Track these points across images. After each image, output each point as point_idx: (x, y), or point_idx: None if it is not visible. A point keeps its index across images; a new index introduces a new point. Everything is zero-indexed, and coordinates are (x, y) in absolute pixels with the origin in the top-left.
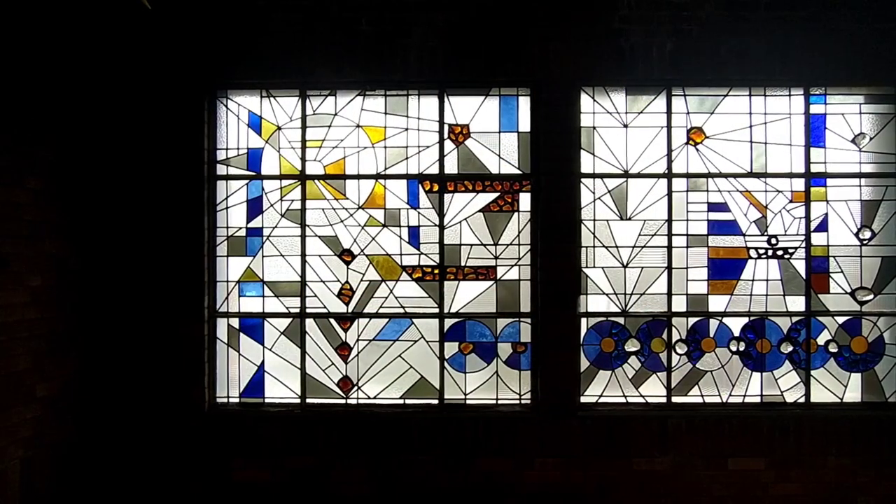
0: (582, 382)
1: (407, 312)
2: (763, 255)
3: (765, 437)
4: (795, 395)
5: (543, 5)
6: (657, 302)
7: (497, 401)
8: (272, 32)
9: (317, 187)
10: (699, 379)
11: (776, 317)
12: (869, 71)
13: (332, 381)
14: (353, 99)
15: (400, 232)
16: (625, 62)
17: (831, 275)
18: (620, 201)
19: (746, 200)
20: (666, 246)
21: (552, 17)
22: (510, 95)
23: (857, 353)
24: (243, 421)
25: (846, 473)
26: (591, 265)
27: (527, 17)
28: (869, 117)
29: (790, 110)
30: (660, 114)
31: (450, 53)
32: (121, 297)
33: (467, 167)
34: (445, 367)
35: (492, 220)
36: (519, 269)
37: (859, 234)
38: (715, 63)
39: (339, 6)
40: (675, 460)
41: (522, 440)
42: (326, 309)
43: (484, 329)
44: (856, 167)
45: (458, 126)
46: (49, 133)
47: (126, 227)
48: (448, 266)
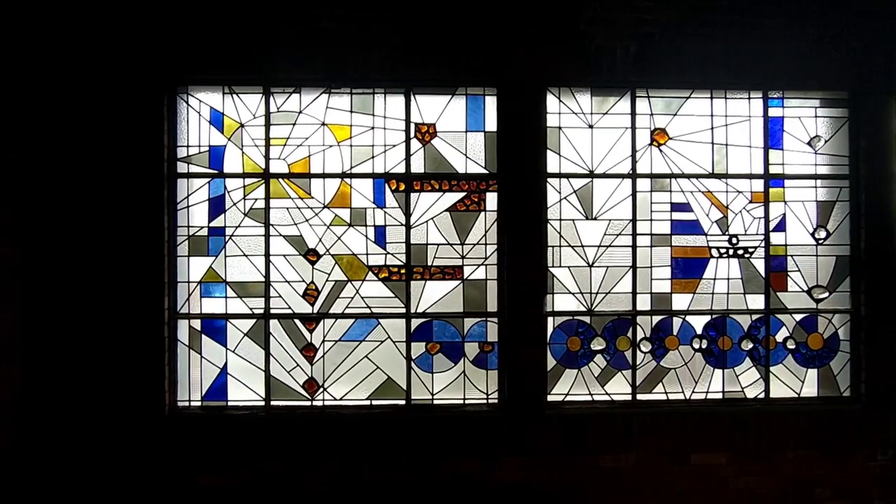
0: (549, 381)
1: (373, 312)
2: (724, 255)
3: (726, 433)
4: (755, 390)
5: (510, 6)
6: (622, 301)
7: (464, 401)
8: (234, 28)
9: (281, 186)
10: (663, 376)
11: (737, 315)
12: (824, 76)
13: (298, 382)
14: (318, 97)
15: (366, 231)
16: (590, 64)
17: (789, 273)
18: (586, 201)
19: (708, 201)
20: (630, 245)
21: (519, 17)
22: (477, 95)
23: (814, 349)
24: (206, 425)
25: (804, 466)
26: (558, 264)
27: (493, 18)
28: (824, 121)
29: (750, 113)
30: (624, 115)
31: (416, 52)
32: (76, 299)
33: (434, 166)
34: (412, 368)
35: (458, 219)
36: (486, 268)
37: (815, 233)
38: (677, 66)
39: (302, 2)
40: (639, 457)
41: (490, 440)
42: (291, 309)
43: (451, 329)
44: (812, 169)
45: (425, 125)
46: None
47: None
48: (415, 266)
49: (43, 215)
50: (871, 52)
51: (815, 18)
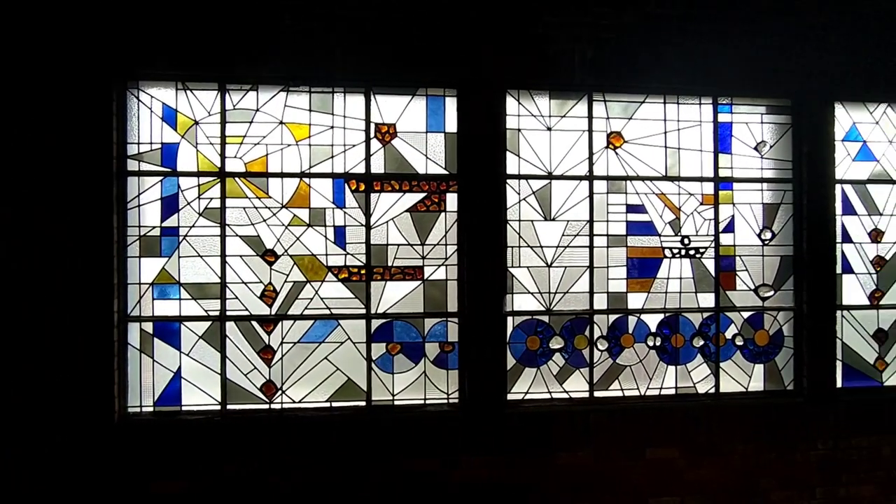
0: (508, 380)
1: (333, 314)
2: (677, 255)
3: (678, 427)
4: (706, 386)
5: (470, 8)
6: (580, 300)
7: (425, 401)
8: (189, 22)
9: (237, 185)
10: (619, 373)
11: (689, 313)
12: (769, 84)
13: (255, 385)
14: (276, 95)
15: (325, 232)
16: (549, 67)
17: (737, 273)
18: (544, 202)
19: (662, 203)
20: (588, 246)
21: (479, 20)
22: (437, 96)
23: (760, 345)
24: (158, 431)
25: (751, 458)
26: (517, 265)
27: (454, 20)
28: (769, 126)
29: (700, 118)
30: (582, 118)
31: (376, 52)
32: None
33: (394, 167)
34: (373, 369)
35: (419, 220)
36: (446, 268)
37: (761, 234)
38: (632, 71)
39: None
40: (597, 453)
41: (450, 439)
42: (248, 311)
43: (411, 329)
44: (758, 173)
45: (385, 125)
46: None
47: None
48: (375, 266)
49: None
50: (812, 62)
51: (762, 29)
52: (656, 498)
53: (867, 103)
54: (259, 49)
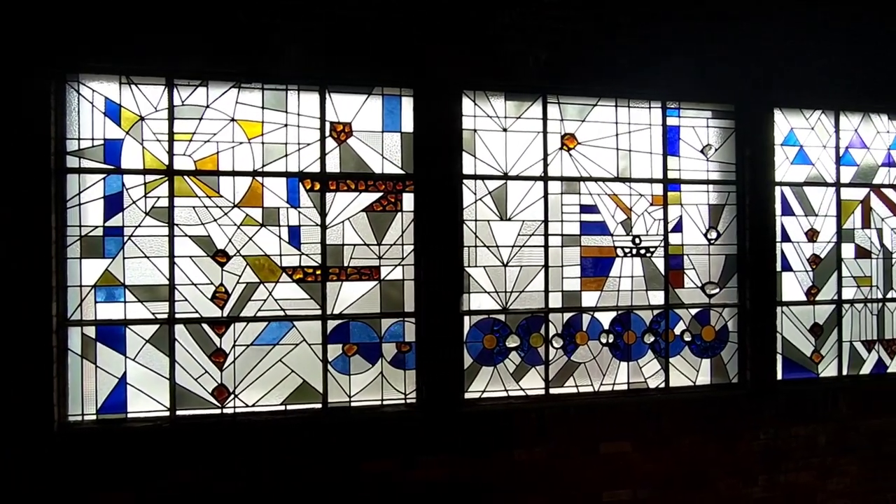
0: (465, 379)
1: (287, 315)
2: (628, 254)
3: (631, 422)
4: (657, 381)
5: (427, 9)
6: (535, 299)
7: (382, 402)
8: (134, 13)
9: (186, 184)
10: (574, 370)
11: (640, 310)
12: (714, 90)
13: (206, 390)
14: (227, 91)
15: (279, 231)
16: (504, 69)
17: (685, 271)
18: (500, 202)
19: (614, 203)
20: (543, 245)
21: (435, 20)
22: (393, 96)
23: (707, 340)
24: (102, 440)
25: (699, 449)
26: (473, 264)
27: (411, 20)
28: (714, 130)
29: (650, 121)
30: (536, 119)
31: (332, 50)
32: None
33: (350, 166)
34: (329, 370)
35: (375, 219)
36: (403, 268)
37: (707, 234)
38: (585, 75)
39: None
40: (552, 449)
41: (408, 439)
42: (199, 314)
43: (368, 330)
44: (704, 174)
45: (341, 124)
46: None
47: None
48: (331, 266)
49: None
50: (754, 69)
51: (708, 38)
52: (610, 491)
53: (803, 110)
54: (210, 44)
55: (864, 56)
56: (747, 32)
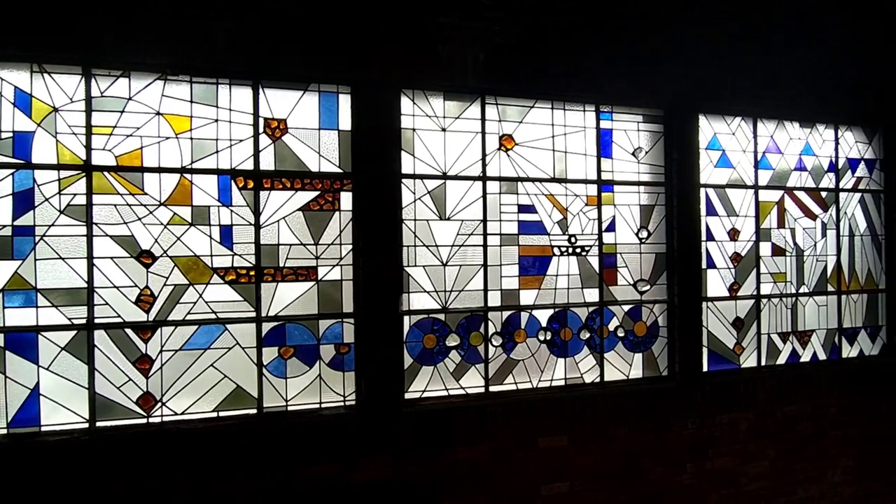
0: (406, 379)
1: (219, 318)
2: (565, 253)
3: (568, 416)
4: (592, 376)
5: (365, 6)
6: (475, 298)
7: (321, 405)
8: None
9: (107, 180)
10: (513, 368)
11: (576, 307)
12: (644, 95)
13: (131, 399)
14: (152, 83)
15: (210, 231)
16: (442, 69)
17: (618, 269)
18: (439, 202)
19: (550, 203)
20: (482, 245)
21: (375, 18)
22: (330, 93)
23: (639, 335)
24: (12, 455)
25: (633, 440)
26: (413, 264)
27: (349, 17)
28: (645, 134)
29: (584, 124)
30: (475, 120)
31: (265, 44)
32: None
33: (285, 164)
34: (264, 374)
35: (312, 219)
36: (341, 268)
37: (639, 234)
38: (522, 77)
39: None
40: (493, 446)
41: (348, 442)
42: (121, 318)
43: (305, 332)
44: (635, 176)
45: (275, 121)
46: None
47: None
48: (265, 267)
49: None
50: (681, 76)
51: (639, 44)
52: (548, 485)
53: (725, 116)
54: (133, 32)
55: (779, 68)
56: (676, 42)
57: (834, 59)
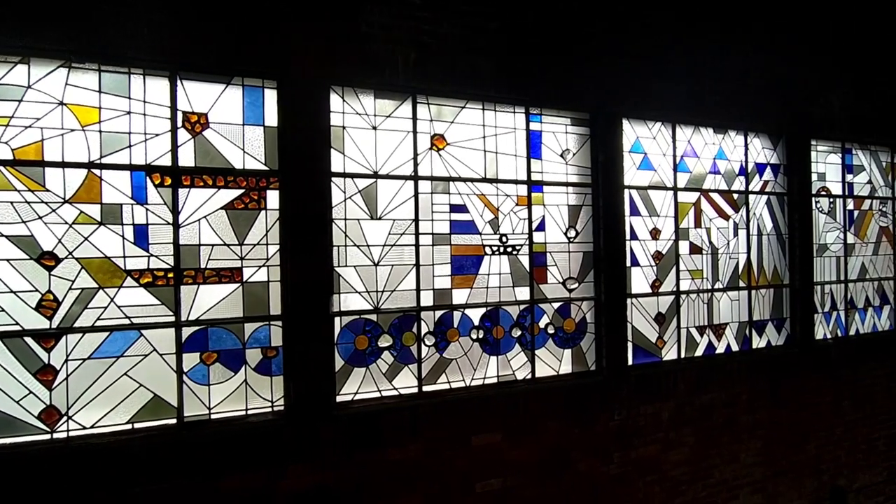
0: (337, 382)
1: (134, 323)
2: (496, 252)
3: (500, 413)
4: (524, 372)
5: None
6: (407, 298)
7: (247, 411)
8: None
9: (3, 175)
10: (446, 367)
11: (507, 306)
12: (571, 98)
13: (32, 414)
14: (55, 70)
15: (123, 231)
16: (372, 66)
17: (548, 267)
18: (371, 201)
19: (482, 203)
20: (414, 244)
21: (301, 12)
22: (255, 87)
23: (568, 332)
24: None
25: (562, 434)
26: (344, 264)
27: (274, 8)
28: (573, 136)
29: (515, 126)
30: (406, 119)
31: (183, 33)
32: None
33: (206, 160)
34: (184, 382)
35: (236, 218)
36: (268, 269)
37: (567, 233)
38: (452, 77)
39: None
40: (425, 445)
41: (277, 449)
42: (20, 326)
43: (229, 336)
44: (564, 177)
45: (195, 114)
46: None
47: None
48: (185, 269)
49: None
50: (605, 82)
51: (566, 49)
52: (482, 481)
53: (647, 121)
54: (32, 15)
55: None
56: (601, 48)
57: (745, 71)
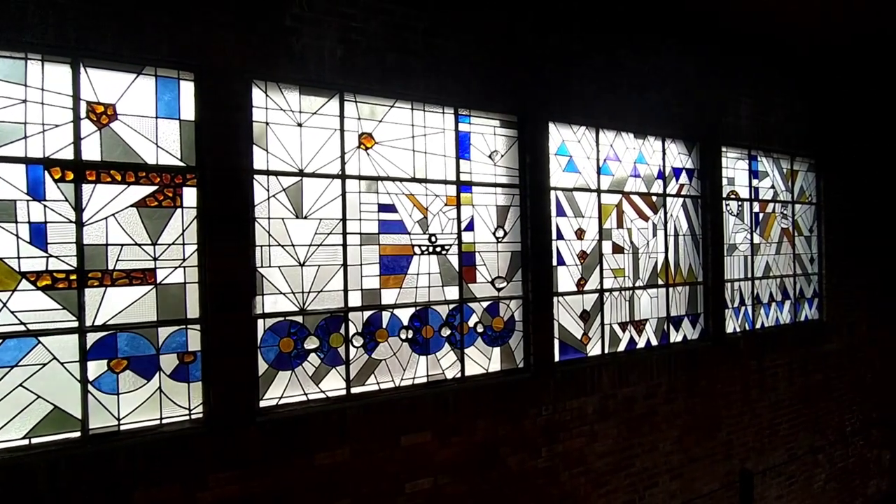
0: (261, 386)
1: (30, 330)
2: (425, 252)
3: (430, 412)
4: (453, 371)
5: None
6: (334, 298)
7: (161, 421)
8: None
9: None
10: (375, 368)
11: (437, 305)
12: (499, 101)
13: None
14: None
15: (17, 229)
16: (297, 61)
17: (477, 267)
18: (296, 200)
19: (411, 203)
20: (341, 244)
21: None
22: (170, 78)
23: (497, 330)
24: None
25: (492, 431)
26: (267, 264)
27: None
28: (501, 138)
29: (444, 126)
30: (333, 116)
31: (89, 17)
32: None
33: (115, 154)
34: (90, 392)
35: (149, 216)
36: (185, 270)
37: (496, 233)
38: (380, 75)
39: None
40: (354, 448)
41: (195, 459)
42: None
43: (141, 341)
44: (492, 178)
45: (102, 105)
46: None
47: None
48: (90, 270)
49: None
50: (532, 85)
51: (494, 52)
52: (412, 482)
53: (572, 125)
54: None
55: (618, 85)
56: (530, 53)
57: (663, 82)
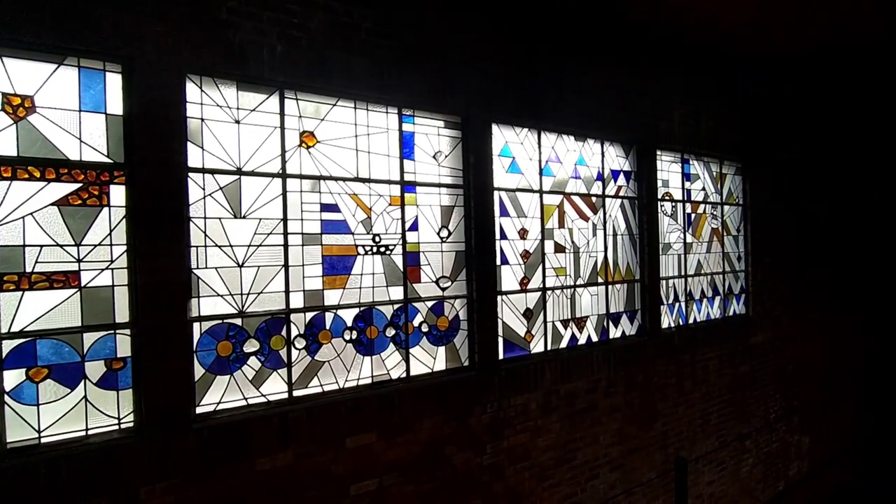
0: (197, 392)
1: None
2: (369, 252)
3: (375, 413)
4: (399, 371)
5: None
6: (275, 300)
7: (87, 431)
8: None
9: None
10: (318, 370)
11: (381, 305)
12: (443, 102)
13: None
14: None
15: None
16: (234, 56)
17: (422, 267)
18: (234, 199)
19: (354, 203)
20: (282, 245)
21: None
22: (95, 70)
23: (442, 329)
24: None
25: (437, 430)
26: (203, 266)
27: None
28: (445, 139)
29: (388, 126)
30: (273, 114)
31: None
32: None
33: (33, 149)
34: (7, 403)
35: (72, 215)
36: (112, 272)
37: (440, 233)
38: (322, 73)
39: None
40: (297, 452)
41: (126, 471)
42: None
43: (64, 348)
44: (436, 178)
45: (18, 97)
46: None
47: None
48: (5, 273)
49: None
50: (475, 87)
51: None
52: (357, 483)
53: (514, 127)
54: None
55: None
56: (469, 54)
57: (602, 87)
